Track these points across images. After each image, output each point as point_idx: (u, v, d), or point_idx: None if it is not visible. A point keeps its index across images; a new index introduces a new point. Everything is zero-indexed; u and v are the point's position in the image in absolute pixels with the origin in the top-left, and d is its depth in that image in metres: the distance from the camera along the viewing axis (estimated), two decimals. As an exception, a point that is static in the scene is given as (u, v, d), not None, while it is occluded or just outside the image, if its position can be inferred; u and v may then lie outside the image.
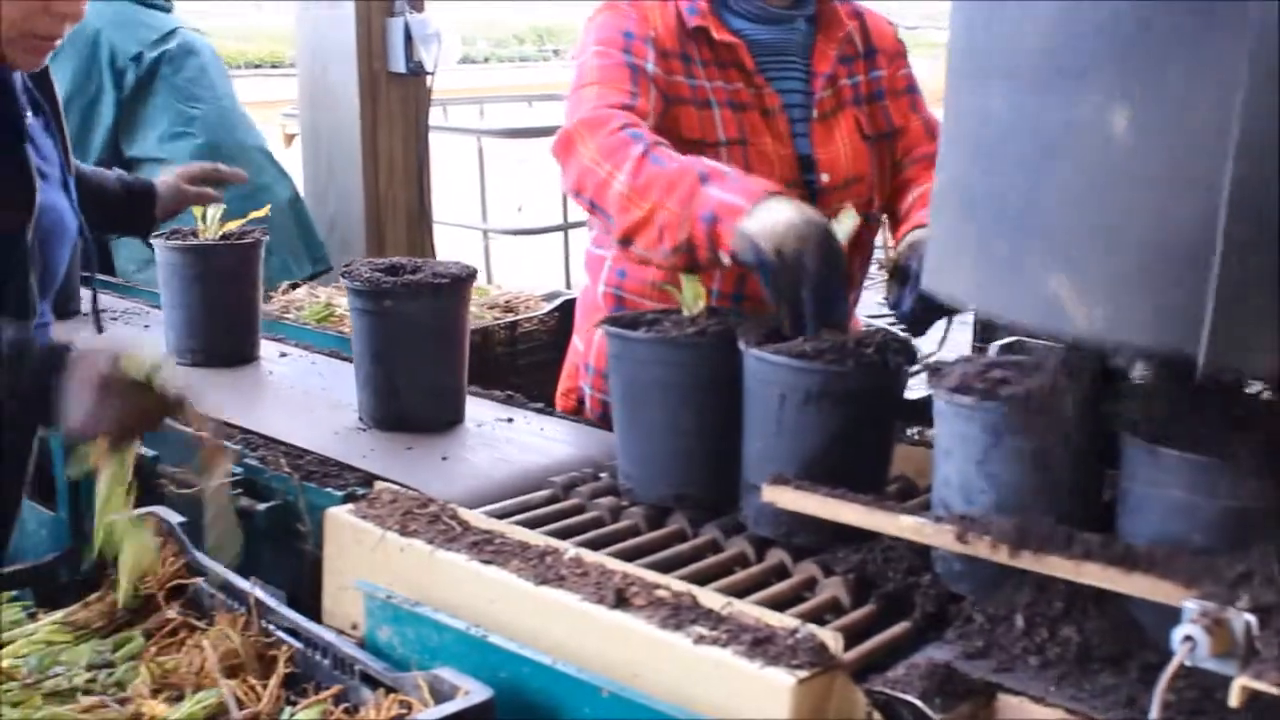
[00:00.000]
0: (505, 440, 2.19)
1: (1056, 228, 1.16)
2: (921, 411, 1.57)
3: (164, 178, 2.53)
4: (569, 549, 1.53)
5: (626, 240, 1.95)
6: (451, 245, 4.67)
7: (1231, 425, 1.31)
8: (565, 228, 5.07)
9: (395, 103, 4.43)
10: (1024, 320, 1.24)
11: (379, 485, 1.74)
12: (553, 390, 2.58)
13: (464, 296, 2.25)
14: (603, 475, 1.91)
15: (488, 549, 1.53)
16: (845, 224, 1.76)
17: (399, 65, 4.37)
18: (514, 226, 5.46)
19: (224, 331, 2.64)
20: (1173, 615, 1.14)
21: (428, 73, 4.40)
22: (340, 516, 1.65)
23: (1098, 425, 1.40)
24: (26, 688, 1.54)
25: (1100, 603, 1.35)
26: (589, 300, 2.41)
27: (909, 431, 1.86)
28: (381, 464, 2.00)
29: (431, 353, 2.21)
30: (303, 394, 2.47)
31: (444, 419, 2.24)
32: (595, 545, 1.61)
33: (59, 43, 1.91)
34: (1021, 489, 1.43)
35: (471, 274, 2.25)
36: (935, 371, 1.52)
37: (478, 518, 1.63)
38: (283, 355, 2.74)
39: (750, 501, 1.67)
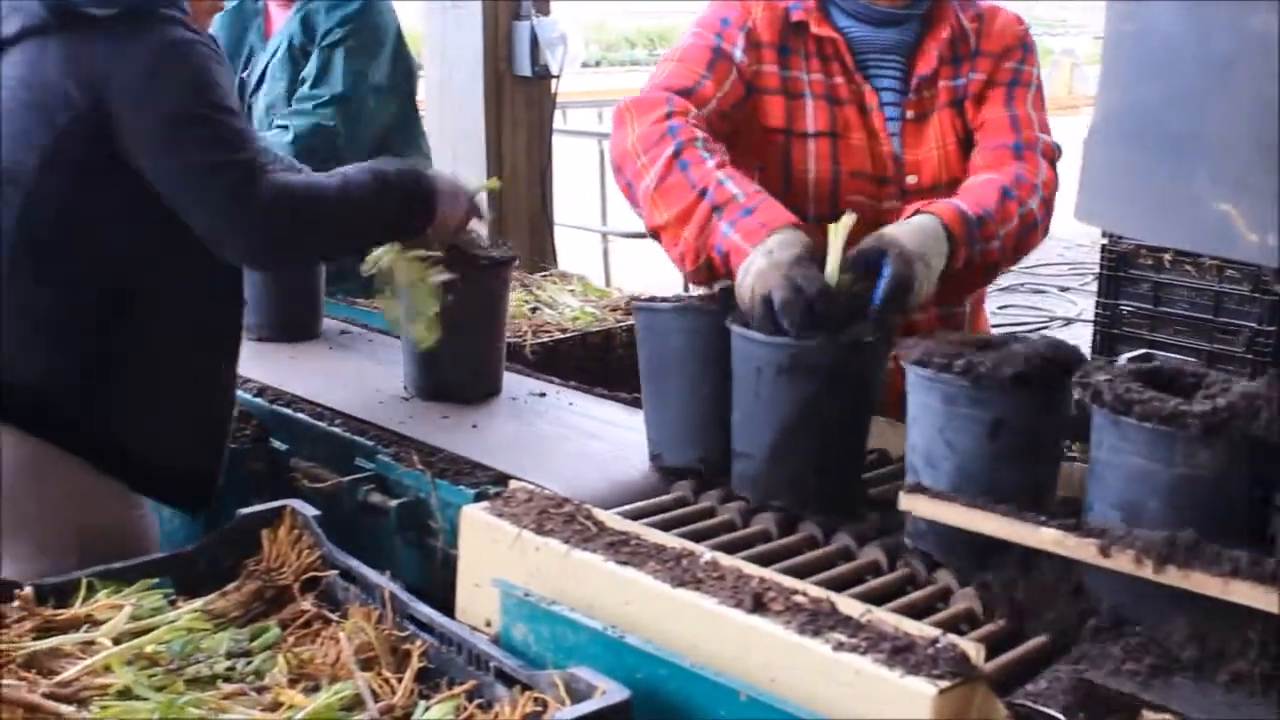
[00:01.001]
0: (535, 413, 2.36)
1: (1227, 148, 1.12)
2: (1081, 427, 1.55)
3: None
4: (705, 552, 1.52)
5: (653, 236, 2.07)
6: (571, 247, 4.70)
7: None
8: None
9: (520, 105, 4.46)
10: (1191, 245, 1.21)
11: (513, 484, 1.75)
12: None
13: (504, 279, 2.47)
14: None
15: (624, 550, 1.53)
16: (843, 224, 1.81)
17: (524, 68, 4.40)
18: (633, 230, 5.46)
19: (289, 307, 2.83)
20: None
21: (552, 76, 4.42)
22: (476, 514, 1.67)
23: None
24: (170, 673, 1.57)
25: (1252, 620, 1.32)
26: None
27: (1069, 447, 1.84)
28: (419, 429, 2.20)
29: (472, 328, 2.39)
30: (356, 367, 2.67)
31: (481, 390, 2.43)
32: (727, 549, 1.61)
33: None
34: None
35: (511, 259, 2.46)
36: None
37: (612, 518, 1.63)
38: (342, 333, 2.98)
39: (735, 467, 1.83)
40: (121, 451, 2.05)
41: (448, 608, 1.70)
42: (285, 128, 3.11)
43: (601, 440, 2.17)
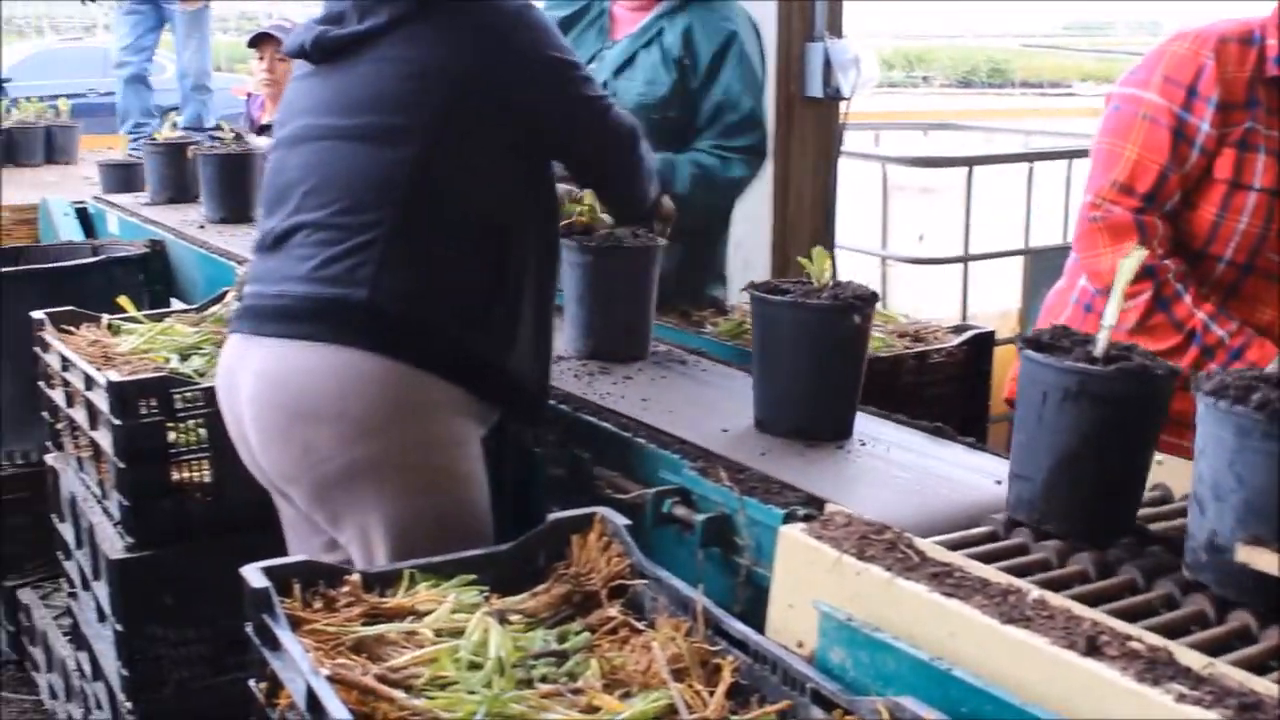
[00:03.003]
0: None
1: None
2: None
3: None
4: (1032, 590, 1.49)
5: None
6: (849, 271, 4.67)
7: None
8: (965, 259, 5.00)
9: (808, 127, 4.46)
10: None
11: (831, 508, 1.75)
12: (957, 420, 2.56)
13: (653, 258, 2.79)
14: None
15: (948, 581, 1.51)
16: (1134, 259, 1.75)
17: (815, 90, 4.40)
18: (913, 255, 5.41)
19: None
20: None
21: (844, 98, 4.41)
22: (794, 536, 1.67)
23: None
24: (490, 670, 1.62)
25: None
26: (1057, 301, 2.46)
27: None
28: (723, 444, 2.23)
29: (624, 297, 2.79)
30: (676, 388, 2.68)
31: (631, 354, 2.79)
32: (1046, 587, 1.58)
33: None
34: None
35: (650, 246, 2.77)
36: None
37: (933, 548, 1.61)
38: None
39: (1012, 488, 1.82)
40: (490, 370, 2.27)
41: (750, 625, 1.71)
42: (729, 159, 3.21)
43: (905, 470, 2.14)
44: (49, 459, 3.13)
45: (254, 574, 1.69)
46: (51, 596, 3.71)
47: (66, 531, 3.01)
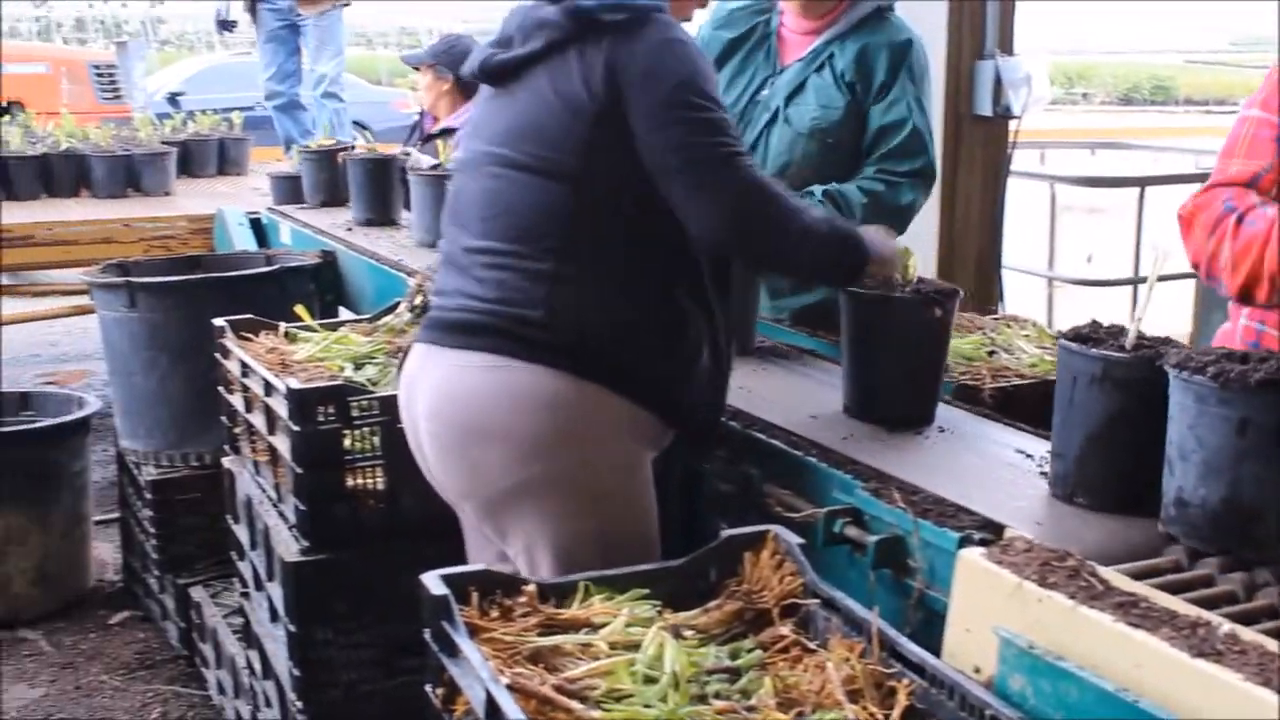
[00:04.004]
0: (1005, 463, 2.30)
1: None
2: None
3: None
4: (1223, 623, 1.46)
5: (1244, 299, 2.21)
6: (1015, 292, 4.63)
7: None
8: (1135, 282, 4.90)
9: (977, 145, 4.42)
10: None
11: (1011, 533, 1.73)
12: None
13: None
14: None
15: (1133, 611, 1.48)
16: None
17: (985, 108, 4.36)
18: (1080, 276, 5.31)
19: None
20: None
21: (1014, 117, 4.36)
22: (974, 561, 1.65)
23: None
24: (664, 684, 1.62)
25: None
26: (1227, 333, 2.47)
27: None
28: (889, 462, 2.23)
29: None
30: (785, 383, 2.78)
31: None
32: (1234, 620, 1.53)
33: None
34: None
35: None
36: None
37: (1117, 577, 1.58)
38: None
39: (1052, 466, 2.07)
40: (664, 395, 2.27)
41: (920, 648, 1.69)
42: (898, 184, 3.19)
43: (979, 456, 2.24)
44: (226, 462, 3.22)
45: (433, 581, 1.71)
46: (222, 595, 3.81)
47: (241, 533, 3.09)
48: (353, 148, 5.18)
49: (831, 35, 3.24)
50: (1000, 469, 2.23)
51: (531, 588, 1.77)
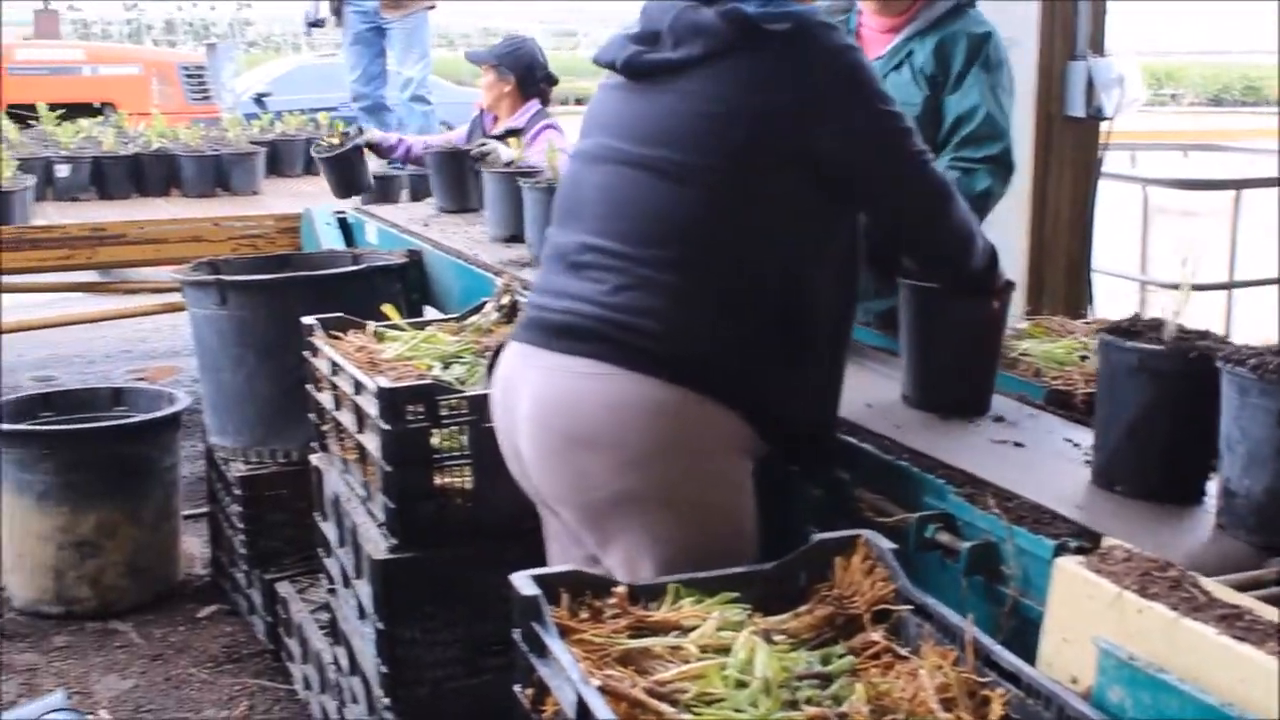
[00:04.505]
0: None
1: None
2: None
3: None
4: (1331, 638, 1.42)
5: None
6: (1107, 296, 4.56)
7: None
8: (1229, 286, 4.82)
9: (1068, 147, 4.36)
10: None
11: (1109, 541, 1.70)
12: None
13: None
14: None
15: (1238, 624, 1.45)
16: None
17: (1077, 109, 4.30)
18: (1175, 280, 5.23)
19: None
20: None
21: (1106, 118, 4.30)
22: (1072, 569, 1.62)
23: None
24: (755, 689, 1.61)
25: None
26: None
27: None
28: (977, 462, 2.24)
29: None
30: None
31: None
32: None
33: None
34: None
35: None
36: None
37: (1220, 589, 1.55)
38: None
39: (1094, 458, 2.14)
40: (774, 411, 2.23)
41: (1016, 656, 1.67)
42: (973, 171, 3.13)
43: (1029, 442, 2.29)
44: (314, 459, 3.25)
45: (524, 581, 1.72)
46: (308, 591, 3.84)
47: (329, 530, 3.12)
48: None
49: (911, 32, 3.22)
50: (1047, 457, 2.28)
51: (621, 589, 1.77)
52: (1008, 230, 4.05)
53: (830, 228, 2.27)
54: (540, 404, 2.22)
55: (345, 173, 5.41)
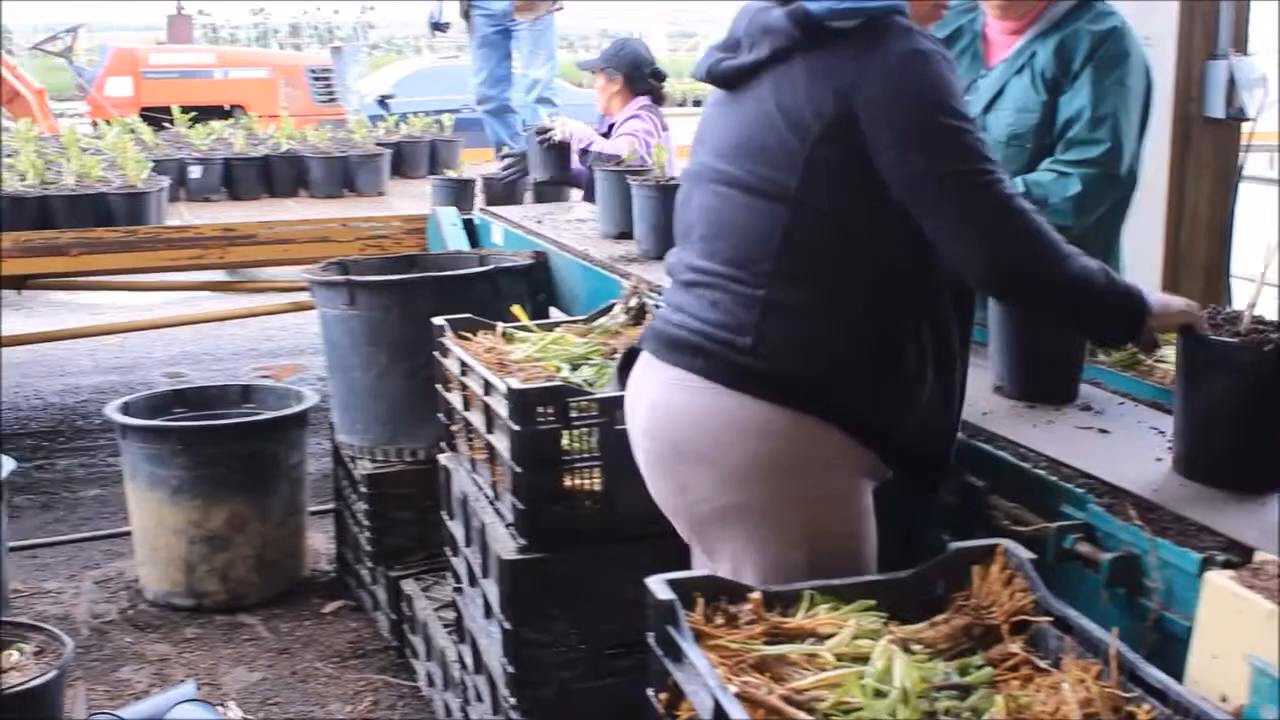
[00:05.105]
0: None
1: None
2: None
3: None
4: None
5: None
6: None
7: None
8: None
9: (1206, 149, 4.25)
10: None
11: (1261, 556, 1.65)
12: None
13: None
14: None
15: (1403, 645, 1.41)
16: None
17: (1217, 110, 4.19)
18: (1313, 285, 5.08)
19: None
20: None
21: (1248, 119, 4.19)
22: (1222, 585, 1.58)
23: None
24: (891, 698, 1.59)
25: None
26: None
27: None
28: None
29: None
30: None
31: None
32: None
33: None
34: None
35: None
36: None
37: (1382, 607, 1.50)
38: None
39: (1174, 450, 2.20)
40: (879, 428, 2.16)
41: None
42: (1066, 175, 3.02)
43: (1114, 428, 2.33)
44: (442, 459, 3.27)
45: (659, 586, 1.71)
46: (432, 588, 3.88)
47: (456, 529, 3.14)
48: None
49: (1034, 34, 3.12)
50: (1129, 443, 2.33)
51: (757, 595, 1.76)
52: (1143, 233, 3.96)
53: (917, 237, 2.13)
54: (651, 414, 2.25)
55: (559, 160, 5.49)
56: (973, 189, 2.08)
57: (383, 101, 13.30)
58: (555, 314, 4.23)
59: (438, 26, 8.32)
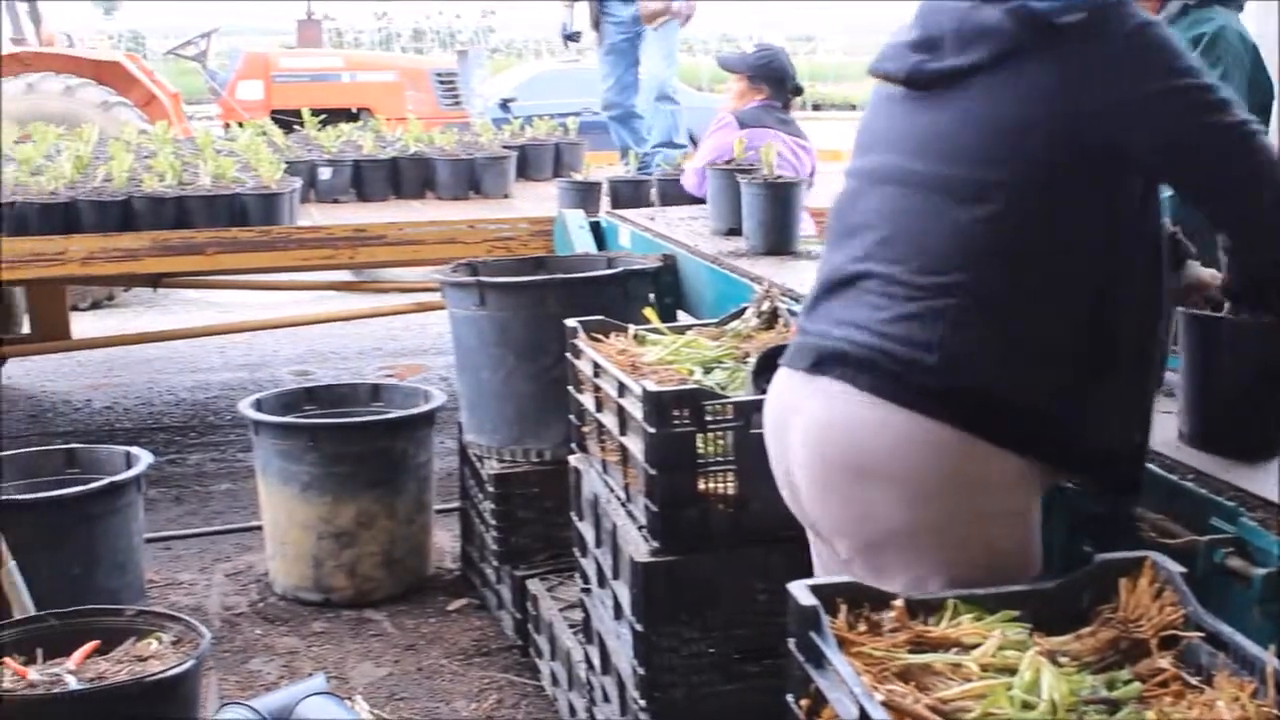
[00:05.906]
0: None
1: None
2: None
3: None
4: None
5: None
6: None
7: None
8: None
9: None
10: None
11: None
12: None
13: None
14: None
15: None
16: None
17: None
18: None
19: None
20: None
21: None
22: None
23: None
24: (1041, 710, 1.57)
25: None
26: None
27: None
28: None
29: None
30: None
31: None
32: None
33: None
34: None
35: None
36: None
37: None
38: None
39: (1180, 418, 2.38)
40: (1072, 444, 2.08)
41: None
42: None
43: None
44: (572, 460, 3.29)
45: (802, 591, 1.70)
46: (558, 589, 3.90)
47: (586, 530, 3.16)
48: None
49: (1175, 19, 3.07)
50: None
51: (900, 602, 1.75)
52: None
53: (1140, 233, 2.09)
54: (815, 433, 2.13)
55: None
56: (1242, 143, 2.04)
57: (504, 105, 13.44)
58: (683, 317, 4.24)
59: (570, 37, 8.40)
